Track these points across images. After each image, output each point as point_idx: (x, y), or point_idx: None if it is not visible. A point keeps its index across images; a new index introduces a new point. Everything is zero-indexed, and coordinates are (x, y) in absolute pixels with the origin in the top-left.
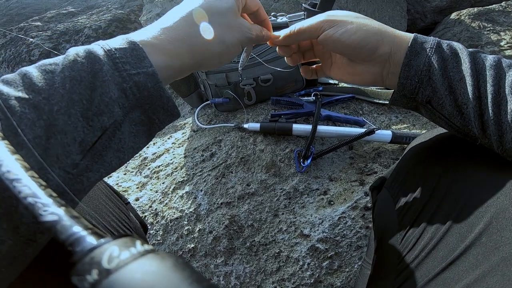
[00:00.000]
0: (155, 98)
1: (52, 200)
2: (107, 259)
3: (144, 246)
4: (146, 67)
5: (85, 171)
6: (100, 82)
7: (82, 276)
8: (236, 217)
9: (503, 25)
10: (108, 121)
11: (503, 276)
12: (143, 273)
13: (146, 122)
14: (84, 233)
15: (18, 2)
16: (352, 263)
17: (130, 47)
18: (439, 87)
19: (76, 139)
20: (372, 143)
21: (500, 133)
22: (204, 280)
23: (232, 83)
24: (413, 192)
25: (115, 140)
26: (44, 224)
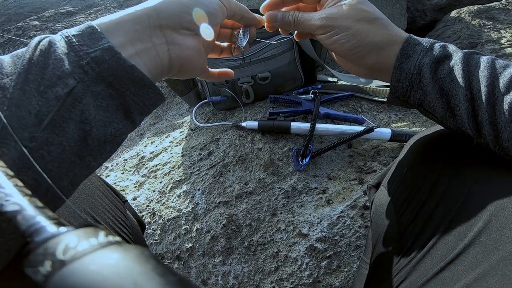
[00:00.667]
0: (117, 69)
1: (17, 190)
2: (62, 250)
3: (109, 237)
4: (103, 44)
5: (45, 145)
6: (52, 60)
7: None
8: (234, 216)
9: (503, 23)
10: (62, 91)
11: (503, 276)
12: (98, 265)
13: (115, 96)
14: (46, 223)
15: (16, 1)
16: (351, 263)
17: (88, 31)
18: (430, 90)
19: (31, 112)
20: (372, 141)
21: (496, 133)
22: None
23: (229, 81)
24: (411, 190)
25: (76, 112)
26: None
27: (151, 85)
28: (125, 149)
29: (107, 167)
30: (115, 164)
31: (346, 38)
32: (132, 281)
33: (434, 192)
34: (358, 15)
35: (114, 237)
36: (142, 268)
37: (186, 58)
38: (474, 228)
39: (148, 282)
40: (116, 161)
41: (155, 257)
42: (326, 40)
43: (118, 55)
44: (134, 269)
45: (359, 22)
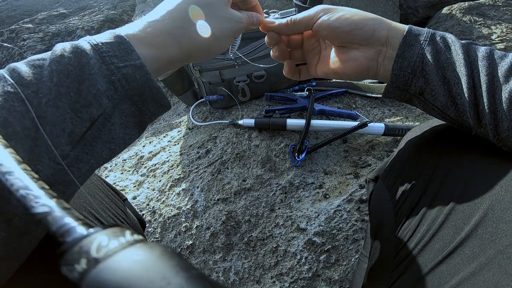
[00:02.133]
0: (144, 90)
1: (44, 192)
2: (96, 248)
3: (134, 236)
4: (134, 59)
5: (75, 162)
6: (87, 75)
7: (71, 265)
8: (233, 212)
9: (493, 19)
10: (96, 112)
11: (500, 269)
12: (130, 262)
13: (136, 114)
14: (74, 224)
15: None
16: (349, 256)
17: (117, 41)
18: (433, 78)
19: (65, 130)
20: (366, 136)
21: (495, 122)
22: (192, 268)
23: (226, 80)
24: (409, 184)
25: (105, 131)
26: (35, 216)
27: (168, 105)
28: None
29: (106, 168)
30: (114, 164)
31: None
32: (161, 275)
33: (431, 186)
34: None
35: (138, 235)
36: (168, 264)
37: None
38: (471, 221)
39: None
40: (115, 161)
41: (177, 253)
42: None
43: (148, 76)
44: (161, 264)
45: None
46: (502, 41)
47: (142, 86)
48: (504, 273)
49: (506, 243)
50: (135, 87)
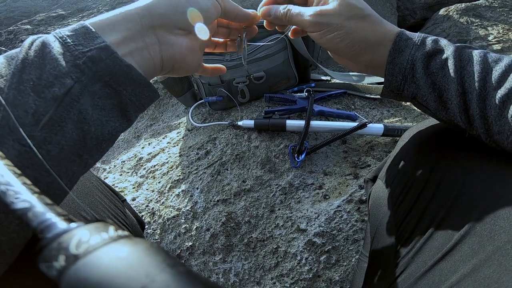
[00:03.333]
0: (114, 68)
1: (26, 188)
2: (76, 244)
3: (118, 231)
4: (98, 43)
5: (43, 144)
6: (48, 60)
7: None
8: (232, 214)
9: (490, 20)
10: (59, 91)
11: (499, 266)
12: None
13: (112, 95)
14: (56, 219)
15: (7, 5)
16: (350, 257)
17: (82, 31)
18: (422, 85)
19: (28, 111)
20: (365, 137)
21: (486, 126)
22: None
23: (225, 81)
24: (407, 183)
25: (74, 111)
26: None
27: (146, 83)
28: (123, 151)
29: (105, 169)
30: (113, 166)
31: (340, 37)
32: (144, 272)
33: (430, 184)
34: (350, 12)
35: (123, 231)
36: (153, 260)
37: (179, 57)
38: (469, 219)
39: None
40: (114, 163)
41: (164, 249)
42: (319, 40)
43: (114, 54)
44: (145, 261)
45: (351, 19)
46: (498, 42)
47: (110, 65)
48: (504, 269)
49: (505, 239)
50: (103, 67)
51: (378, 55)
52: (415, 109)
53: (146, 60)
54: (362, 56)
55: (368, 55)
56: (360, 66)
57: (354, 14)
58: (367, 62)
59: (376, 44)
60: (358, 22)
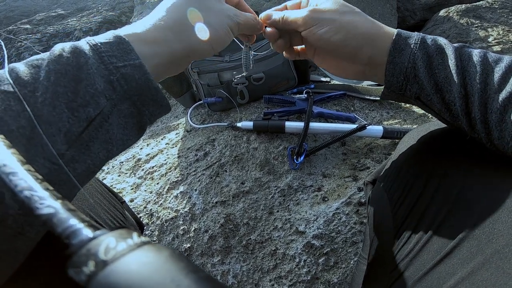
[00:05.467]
0: (144, 89)
1: (49, 193)
2: (104, 250)
3: (141, 237)
4: (133, 59)
5: (70, 162)
6: (85, 74)
7: (78, 268)
8: (231, 215)
9: (490, 21)
10: (93, 112)
11: (497, 269)
12: (139, 264)
13: (135, 114)
14: (80, 225)
15: (6, 5)
16: (348, 259)
17: (116, 41)
18: (426, 85)
19: (61, 130)
20: (364, 139)
21: (487, 131)
22: (200, 270)
23: (224, 82)
24: (407, 186)
25: (102, 131)
26: (40, 217)
27: (167, 105)
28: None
29: (103, 170)
30: (111, 166)
31: (333, 31)
32: (170, 277)
33: (429, 187)
34: (342, 9)
35: (146, 237)
36: (177, 266)
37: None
38: (468, 222)
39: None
40: (112, 163)
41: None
42: (312, 36)
43: (147, 76)
44: (169, 266)
45: (344, 14)
46: (498, 44)
47: (141, 86)
48: (502, 273)
49: (503, 243)
50: (134, 86)
51: (377, 51)
52: (415, 111)
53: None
54: (360, 52)
55: (367, 51)
56: (359, 67)
57: (347, 10)
58: (366, 60)
59: (373, 38)
60: (351, 16)
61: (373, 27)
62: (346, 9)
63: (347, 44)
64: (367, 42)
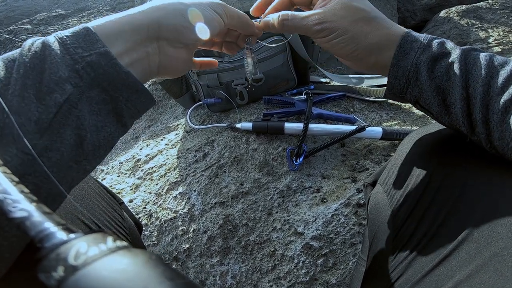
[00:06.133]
0: (112, 75)
1: (24, 196)
2: (74, 255)
3: (116, 242)
4: (98, 48)
5: (44, 151)
6: (49, 64)
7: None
8: (230, 216)
9: (490, 22)
10: (60, 98)
11: (496, 272)
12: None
13: (108, 101)
14: (54, 229)
15: (7, 5)
16: (347, 260)
17: (83, 33)
18: (426, 88)
19: (31, 119)
20: (364, 140)
21: (487, 132)
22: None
23: (224, 83)
24: (406, 188)
25: (72, 117)
26: (13, 221)
27: (143, 90)
28: (121, 152)
29: (103, 170)
30: (110, 167)
31: (345, 41)
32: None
33: (429, 190)
34: (355, 16)
35: (121, 242)
36: (152, 273)
37: (173, 67)
38: (467, 224)
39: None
40: (112, 164)
41: (163, 261)
42: (325, 44)
43: (114, 61)
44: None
45: (357, 23)
46: (498, 44)
47: (109, 72)
48: (500, 275)
49: (502, 245)
50: (101, 73)
51: (382, 58)
52: (415, 112)
53: (144, 70)
54: (366, 60)
55: (372, 59)
56: (364, 67)
57: (359, 17)
58: (371, 64)
59: (381, 47)
60: (363, 25)
61: (384, 36)
62: (359, 16)
63: (356, 53)
64: (374, 51)
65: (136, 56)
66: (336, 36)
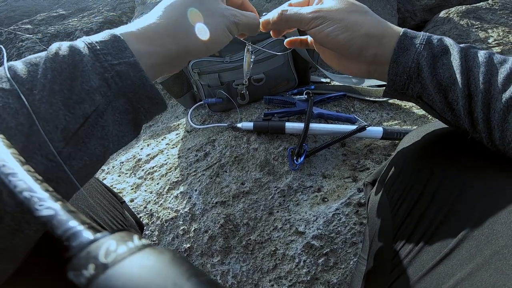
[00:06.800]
0: (138, 87)
1: (49, 194)
2: (104, 253)
3: (142, 240)
4: (128, 57)
5: (68, 159)
6: (80, 72)
7: (78, 271)
8: (231, 216)
9: (490, 23)
10: (89, 108)
11: (496, 270)
12: (140, 268)
13: (130, 111)
14: (80, 227)
15: (7, 5)
16: (348, 260)
17: (111, 39)
18: (428, 84)
19: (58, 127)
20: (364, 140)
21: (489, 131)
22: (202, 274)
23: (224, 83)
24: (406, 186)
25: (98, 128)
26: (40, 219)
27: (162, 102)
28: (121, 152)
29: (103, 170)
30: (111, 167)
31: (340, 30)
32: (172, 281)
33: (428, 188)
34: (349, 8)
35: (146, 240)
36: (179, 269)
37: None
38: (467, 223)
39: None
40: (113, 164)
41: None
42: (319, 34)
43: (142, 73)
44: (171, 270)
45: (351, 13)
46: (498, 45)
47: (136, 83)
48: (501, 274)
49: (502, 243)
50: (129, 84)
51: (383, 50)
52: (415, 112)
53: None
54: (365, 50)
55: (373, 50)
56: (363, 66)
57: (354, 9)
58: (372, 58)
59: (379, 37)
60: (358, 16)
61: (380, 27)
62: (353, 8)
63: (352, 43)
64: (373, 41)
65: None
66: (330, 24)
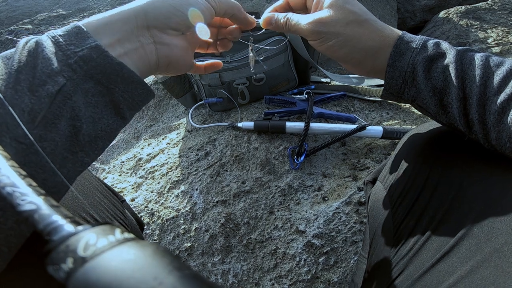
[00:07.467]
0: (105, 67)
1: (32, 189)
2: (83, 247)
3: (124, 234)
4: (90, 43)
5: (38, 141)
6: (41, 59)
7: (57, 265)
8: (232, 215)
9: (489, 23)
10: (52, 89)
11: (496, 267)
12: (120, 261)
13: (105, 93)
14: (62, 221)
15: (8, 5)
16: (348, 258)
17: (74, 31)
18: (423, 88)
19: (24, 110)
20: (364, 139)
21: (484, 132)
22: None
23: (225, 82)
24: (406, 185)
25: (67, 109)
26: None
27: (139, 81)
28: (122, 152)
29: (104, 170)
30: (112, 166)
31: (338, 45)
32: (152, 275)
33: (428, 186)
34: (347, 18)
35: (129, 234)
36: (160, 263)
37: (174, 57)
38: (467, 221)
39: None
40: (113, 163)
41: (170, 252)
42: (319, 47)
43: (105, 53)
44: (152, 263)
45: (349, 26)
46: (498, 45)
47: (101, 63)
48: (501, 271)
49: (502, 241)
50: (94, 65)
51: (379, 61)
52: (414, 112)
53: (142, 59)
54: (363, 63)
55: (369, 62)
56: (363, 73)
57: (352, 20)
58: (369, 68)
59: (376, 50)
60: (356, 28)
61: (377, 38)
62: (352, 18)
63: (351, 57)
64: (370, 54)
65: (129, 46)
66: (329, 38)
